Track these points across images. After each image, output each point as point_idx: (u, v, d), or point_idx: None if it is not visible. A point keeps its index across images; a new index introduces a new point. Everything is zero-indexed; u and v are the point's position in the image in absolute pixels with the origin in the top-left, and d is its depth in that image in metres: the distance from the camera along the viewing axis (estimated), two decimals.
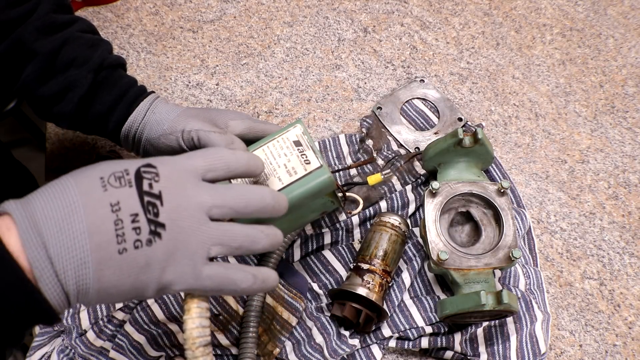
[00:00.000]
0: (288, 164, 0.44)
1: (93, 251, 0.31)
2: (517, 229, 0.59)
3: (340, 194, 0.51)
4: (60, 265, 0.31)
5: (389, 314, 0.56)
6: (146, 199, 0.33)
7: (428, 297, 0.57)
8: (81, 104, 0.51)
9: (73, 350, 0.53)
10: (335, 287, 0.58)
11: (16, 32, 0.49)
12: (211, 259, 0.36)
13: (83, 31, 0.53)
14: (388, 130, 0.68)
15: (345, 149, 0.65)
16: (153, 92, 0.54)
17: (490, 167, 0.64)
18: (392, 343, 0.56)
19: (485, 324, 0.56)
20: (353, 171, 0.63)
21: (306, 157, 0.45)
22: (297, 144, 0.45)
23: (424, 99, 0.71)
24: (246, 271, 0.36)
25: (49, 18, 0.50)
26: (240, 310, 0.54)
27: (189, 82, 0.71)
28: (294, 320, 0.55)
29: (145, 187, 0.33)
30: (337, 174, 0.63)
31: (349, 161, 0.64)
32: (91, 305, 0.42)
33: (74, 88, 0.50)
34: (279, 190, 0.44)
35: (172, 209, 0.33)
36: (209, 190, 0.35)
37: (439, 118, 0.70)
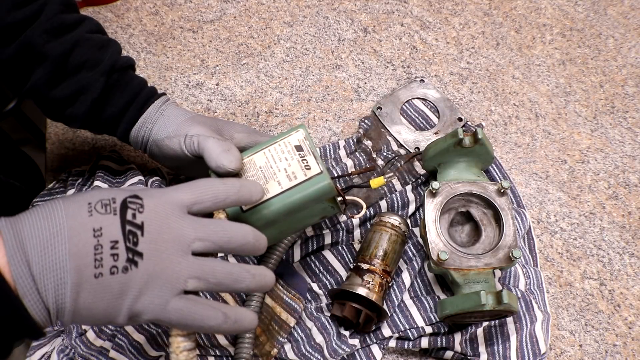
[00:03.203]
0: (288, 169, 0.44)
1: (72, 273, 0.32)
2: (517, 229, 0.59)
3: (340, 199, 0.51)
4: (41, 283, 0.32)
5: (389, 314, 0.56)
6: (128, 227, 0.34)
7: (428, 297, 0.57)
8: (94, 107, 0.51)
9: (73, 350, 0.53)
10: (335, 287, 0.58)
11: (25, 34, 0.49)
12: (189, 293, 0.35)
13: (91, 31, 0.53)
14: (388, 131, 0.68)
15: (343, 152, 0.65)
16: (164, 94, 0.54)
17: (490, 167, 0.64)
18: (392, 343, 0.56)
19: (485, 324, 0.56)
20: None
21: (307, 162, 0.44)
22: (299, 148, 0.45)
23: (424, 99, 0.71)
24: (217, 309, 0.36)
25: (58, 19, 0.50)
26: None
27: (189, 82, 0.71)
28: (292, 321, 0.55)
29: (129, 216, 0.34)
30: (337, 179, 0.63)
31: (348, 163, 0.64)
32: (67, 326, 0.43)
33: (86, 91, 0.50)
34: (278, 194, 0.44)
35: (152, 240, 0.34)
36: (192, 223, 0.36)
37: (439, 118, 0.70)
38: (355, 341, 0.54)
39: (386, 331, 0.55)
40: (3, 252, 0.32)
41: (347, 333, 0.55)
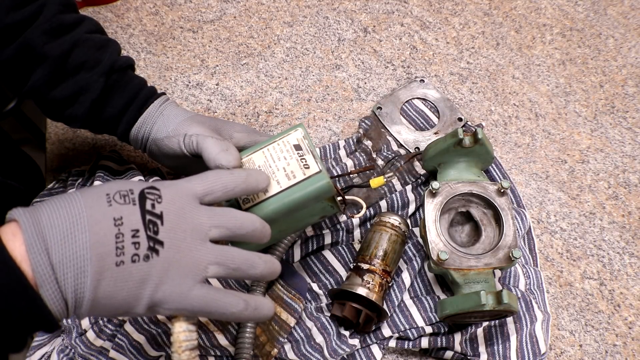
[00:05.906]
0: (287, 168, 0.44)
1: (92, 261, 0.32)
2: (517, 229, 0.59)
3: (339, 198, 0.51)
4: (61, 272, 0.31)
5: (389, 314, 0.56)
6: (148, 217, 0.34)
7: (428, 297, 0.57)
8: (93, 107, 0.51)
9: (73, 350, 0.53)
10: (335, 287, 0.58)
11: (24, 35, 0.49)
12: (207, 282, 0.36)
13: (91, 32, 0.52)
14: (388, 131, 0.68)
15: (343, 152, 0.65)
16: (164, 93, 0.54)
17: (490, 167, 0.64)
18: (392, 343, 0.56)
19: (485, 324, 0.56)
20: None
21: (306, 161, 0.44)
22: (298, 147, 0.45)
23: (424, 99, 0.71)
24: (238, 296, 0.37)
25: (56, 20, 0.50)
26: None
27: (189, 82, 0.71)
28: (292, 321, 0.55)
29: (148, 206, 0.35)
30: (337, 178, 0.63)
31: (348, 163, 0.64)
32: (83, 318, 0.43)
33: (85, 92, 0.51)
34: (277, 193, 0.44)
35: (171, 229, 0.35)
36: (207, 212, 0.37)
37: (439, 118, 0.70)
38: (355, 341, 0.54)
39: (386, 331, 0.55)
40: (21, 240, 0.31)
41: (347, 333, 0.55)
